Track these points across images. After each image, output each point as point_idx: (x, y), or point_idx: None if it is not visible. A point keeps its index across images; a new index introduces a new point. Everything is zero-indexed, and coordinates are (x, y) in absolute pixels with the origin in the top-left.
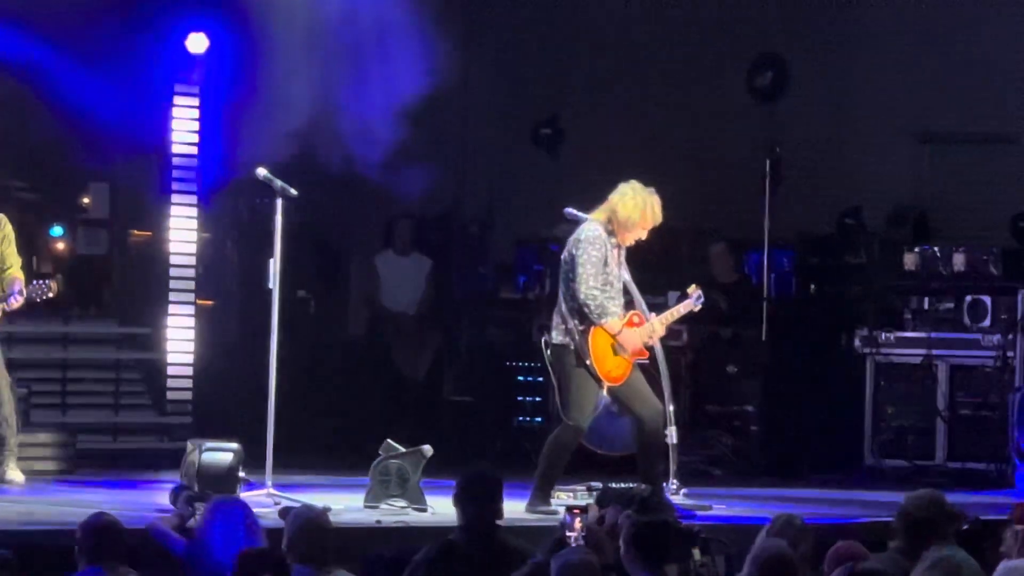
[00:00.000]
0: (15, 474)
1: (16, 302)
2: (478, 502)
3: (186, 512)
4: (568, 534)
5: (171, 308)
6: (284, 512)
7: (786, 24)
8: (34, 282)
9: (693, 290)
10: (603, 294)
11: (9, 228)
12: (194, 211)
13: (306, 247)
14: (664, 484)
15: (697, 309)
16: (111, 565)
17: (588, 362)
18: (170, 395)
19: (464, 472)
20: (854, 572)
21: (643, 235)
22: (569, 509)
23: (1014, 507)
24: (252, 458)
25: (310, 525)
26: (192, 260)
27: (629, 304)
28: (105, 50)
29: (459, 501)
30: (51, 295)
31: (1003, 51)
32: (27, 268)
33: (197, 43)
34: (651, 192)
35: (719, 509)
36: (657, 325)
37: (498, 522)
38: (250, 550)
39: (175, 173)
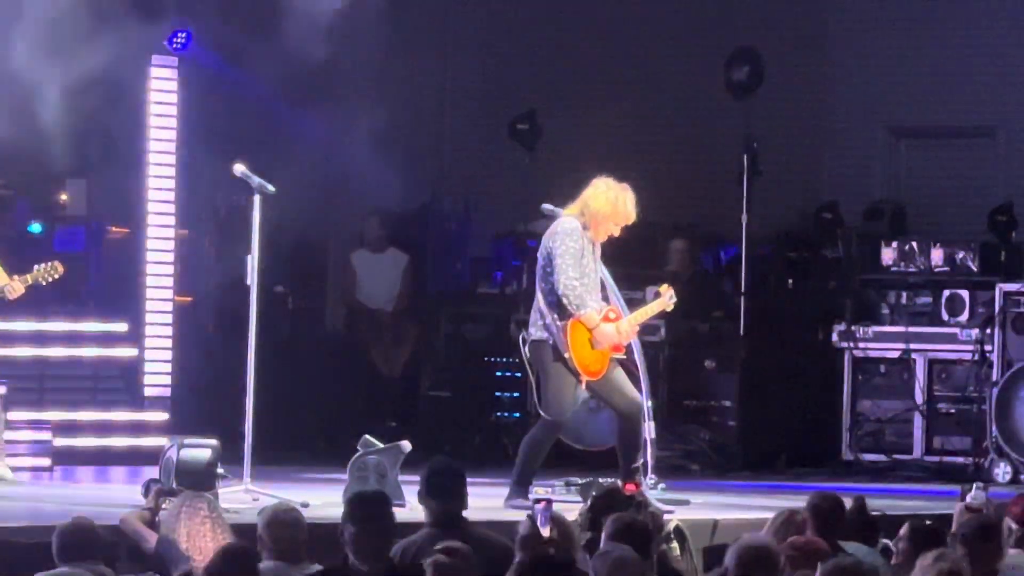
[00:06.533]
0: (4, 471)
1: None
2: (443, 496)
3: (156, 506)
4: (542, 528)
5: (149, 305)
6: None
7: (762, 19)
8: (39, 265)
9: (665, 289)
10: (581, 286)
11: None
12: (172, 207)
13: (284, 243)
14: (643, 479)
15: (670, 308)
16: (88, 566)
17: (567, 356)
18: (148, 392)
19: (426, 468)
20: (833, 568)
21: (615, 231)
22: (537, 502)
23: (1014, 500)
24: (230, 454)
25: (282, 521)
26: (170, 257)
27: (605, 300)
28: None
29: (424, 497)
30: (57, 276)
31: (979, 45)
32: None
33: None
34: (624, 188)
35: (697, 504)
36: (625, 326)
37: (465, 513)
38: (229, 547)
39: (153, 170)
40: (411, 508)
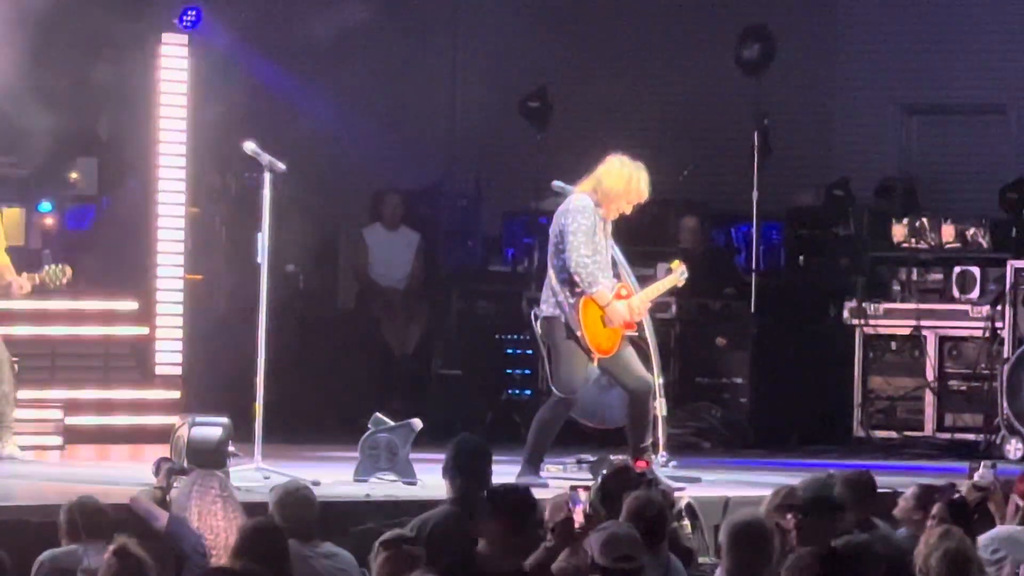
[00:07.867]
0: (14, 449)
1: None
2: (469, 473)
3: (167, 485)
4: (575, 514)
5: (159, 283)
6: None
7: None
8: (48, 267)
9: (677, 266)
10: (593, 263)
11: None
12: (182, 186)
13: (295, 221)
14: (654, 456)
15: (682, 284)
16: (94, 543)
17: (579, 333)
18: (159, 370)
19: (455, 443)
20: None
21: (627, 209)
22: (574, 488)
23: (1020, 477)
24: (241, 432)
25: (293, 499)
26: (180, 235)
27: (617, 277)
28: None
29: (450, 473)
30: (66, 280)
31: (990, 21)
32: (13, 250)
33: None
34: (638, 166)
35: (708, 481)
36: (636, 303)
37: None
38: (259, 523)
39: (163, 148)
40: (422, 486)
